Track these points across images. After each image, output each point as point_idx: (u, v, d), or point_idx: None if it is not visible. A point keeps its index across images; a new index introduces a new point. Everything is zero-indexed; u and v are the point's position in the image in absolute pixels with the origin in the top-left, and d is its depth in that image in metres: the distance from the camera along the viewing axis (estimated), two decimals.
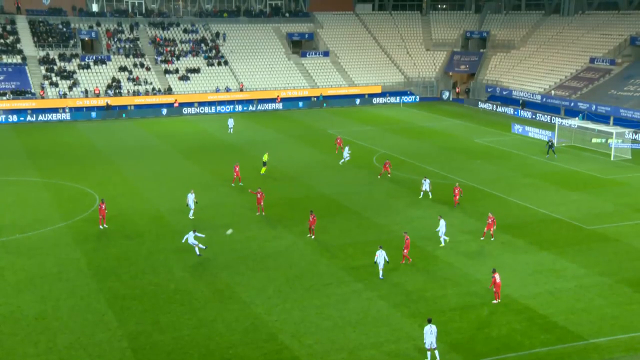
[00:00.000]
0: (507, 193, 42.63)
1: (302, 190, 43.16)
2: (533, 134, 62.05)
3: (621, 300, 27.06)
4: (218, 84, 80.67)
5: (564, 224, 36.69)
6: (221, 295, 27.79)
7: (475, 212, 38.82)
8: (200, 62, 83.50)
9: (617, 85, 71.53)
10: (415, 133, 64.03)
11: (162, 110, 74.83)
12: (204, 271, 30.14)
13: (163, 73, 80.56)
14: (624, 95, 68.76)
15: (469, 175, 46.99)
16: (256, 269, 30.47)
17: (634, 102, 66.65)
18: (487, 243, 33.54)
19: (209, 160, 52.30)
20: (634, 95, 67.98)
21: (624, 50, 78.10)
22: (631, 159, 52.54)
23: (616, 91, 70.29)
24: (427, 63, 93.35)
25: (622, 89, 70.04)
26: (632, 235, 34.69)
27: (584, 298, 27.33)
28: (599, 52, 79.26)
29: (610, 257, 31.79)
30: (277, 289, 28.28)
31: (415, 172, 48.07)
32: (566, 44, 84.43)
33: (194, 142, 59.55)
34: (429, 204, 40.01)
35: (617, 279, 29.00)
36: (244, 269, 30.39)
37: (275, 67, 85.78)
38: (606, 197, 41.98)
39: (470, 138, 61.14)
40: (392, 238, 33.38)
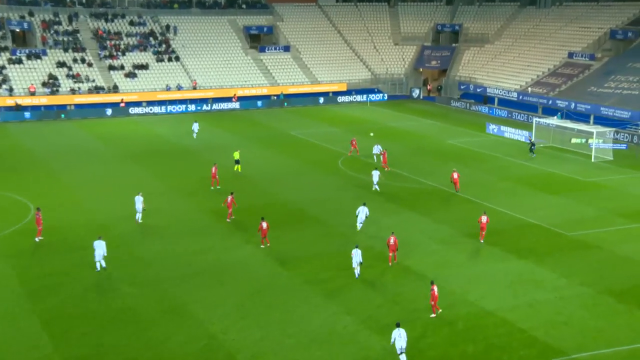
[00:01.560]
0: (482, 198, 43.17)
1: (263, 198, 43.01)
2: (509, 134, 63.07)
3: (604, 312, 27.58)
4: (169, 81, 79.87)
5: (543, 231, 37.30)
6: (173, 313, 27.38)
7: (447, 218, 39.17)
8: (149, 58, 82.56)
9: (597, 81, 73.27)
10: (383, 134, 64.39)
11: (106, 111, 73.69)
12: (154, 287, 29.67)
13: (107, 69, 79.35)
14: (605, 92, 70.48)
15: (441, 179, 47.45)
16: (212, 283, 30.18)
17: (615, 100, 68.34)
18: (461, 252, 33.86)
19: (160, 165, 51.75)
20: (614, 93, 69.74)
21: (604, 44, 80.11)
22: (613, 160, 53.81)
23: (596, 88, 71.98)
24: (395, 58, 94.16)
25: (603, 86, 71.77)
26: (614, 241, 35.46)
27: (565, 310, 27.76)
28: (577, 47, 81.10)
29: (592, 265, 32.42)
30: (236, 305, 28.02)
31: (386, 176, 48.33)
32: (543, 37, 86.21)
33: (142, 145, 58.82)
34: (398, 211, 40.22)
35: (599, 289, 29.56)
36: (199, 284, 30.06)
37: (232, 63, 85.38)
38: (587, 201, 42.86)
39: (442, 139, 61.80)
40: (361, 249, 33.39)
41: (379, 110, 79.81)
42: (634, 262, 32.69)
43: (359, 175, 48.11)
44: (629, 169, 51.33)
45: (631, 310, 27.63)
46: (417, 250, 34.21)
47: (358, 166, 49.74)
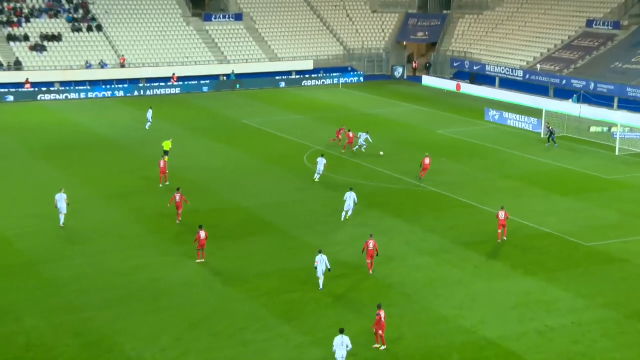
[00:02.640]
0: (481, 200, 43.53)
1: (210, 203, 42.83)
2: (513, 122, 63.80)
3: (632, 342, 27.89)
4: (89, 57, 79.08)
5: (555, 240, 37.73)
6: (96, 348, 27.06)
7: (438, 226, 39.43)
8: (62, 27, 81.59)
9: (623, 56, 74.43)
10: (359, 123, 64.52)
11: (6, 96, 72.60)
12: (70, 316, 29.31)
13: (5, 40, 78.09)
14: (632, 69, 71.64)
15: (431, 178, 47.74)
16: (146, 310, 29.93)
17: None
18: (455, 267, 34.09)
19: (80, 163, 51.32)
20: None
21: (632, 9, 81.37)
22: None
23: (622, 64, 73.15)
24: (373, 30, 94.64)
25: (630, 61, 72.89)
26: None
27: (584, 339, 28.08)
28: (598, 12, 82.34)
29: (616, 283, 32.86)
30: (175, 337, 27.82)
31: (360, 174, 48.46)
32: (556, 1, 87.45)
33: (56, 138, 58.18)
34: (379, 216, 40.38)
35: (626, 313, 29.96)
36: (129, 311, 29.79)
37: (169, 34, 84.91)
38: (610, 204, 43.47)
39: (431, 129, 62.24)
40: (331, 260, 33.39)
41: (354, 93, 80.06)
42: None
43: (329, 173, 48.16)
44: None
45: None
46: (403, 264, 34.35)
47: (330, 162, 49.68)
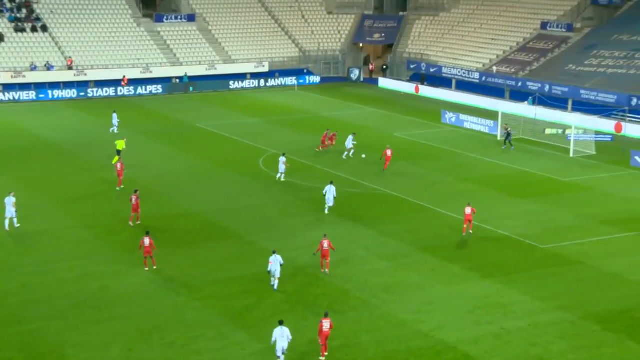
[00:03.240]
0: (438, 204, 43.92)
1: (163, 209, 42.55)
2: (470, 125, 64.48)
3: (588, 343, 28.35)
4: (34, 58, 77.94)
5: (512, 243, 38.22)
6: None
7: (396, 230, 39.66)
8: (4, 27, 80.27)
9: (577, 58, 75.79)
10: (315, 126, 64.61)
11: None
12: (15, 328, 28.86)
13: None
14: (585, 71, 72.98)
15: (388, 182, 47.99)
16: (97, 320, 29.61)
17: (597, 81, 70.82)
18: (413, 271, 34.31)
19: (26, 168, 50.69)
20: (597, 72, 72.31)
21: (584, 11, 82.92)
22: (595, 154, 55.71)
23: (575, 66, 74.46)
24: (329, 31, 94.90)
25: (583, 64, 74.28)
26: (598, 255, 36.67)
27: (540, 341, 28.45)
28: (552, 15, 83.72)
29: (572, 285, 33.39)
30: (127, 347, 27.56)
31: (318, 178, 48.54)
32: (511, 3, 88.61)
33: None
34: (336, 221, 40.47)
35: (581, 315, 30.42)
36: (79, 321, 29.44)
37: (119, 35, 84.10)
38: (565, 206, 44.20)
39: (388, 131, 62.60)
40: (286, 269, 33.38)
41: (310, 96, 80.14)
42: (623, 280, 33.87)
43: (287, 177, 48.11)
44: (614, 165, 53.26)
45: (621, 340, 28.54)
46: (361, 269, 34.47)
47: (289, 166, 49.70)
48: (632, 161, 52.83)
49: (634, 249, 37.43)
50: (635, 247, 37.67)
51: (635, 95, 65.23)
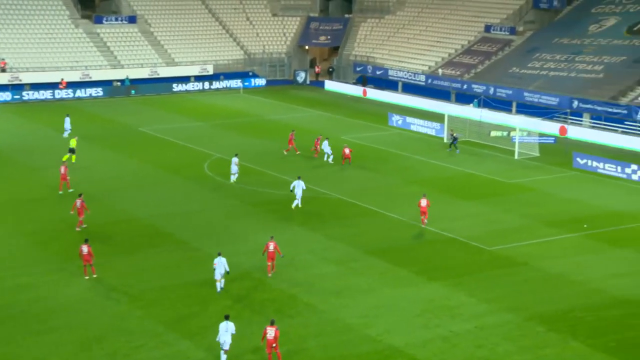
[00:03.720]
0: (385, 207, 44.16)
1: (105, 215, 41.96)
2: (416, 127, 65.00)
3: (532, 344, 28.75)
4: None
5: (459, 245, 38.61)
6: None
7: (343, 233, 39.74)
8: None
9: (520, 60, 77.00)
10: (261, 129, 64.53)
11: None
12: None
13: None
14: (528, 74, 74.17)
15: (335, 185, 48.11)
16: (33, 331, 29.03)
17: (540, 83, 72.07)
18: (360, 275, 34.40)
19: None
20: (539, 74, 73.56)
21: (526, 15, 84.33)
22: (539, 156, 56.65)
23: (519, 69, 75.63)
24: (274, 34, 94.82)
25: (526, 66, 75.51)
26: (543, 256, 37.25)
27: (486, 343, 28.76)
28: (495, 18, 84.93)
29: (518, 286, 33.86)
30: (66, 359, 27.07)
31: (265, 182, 48.43)
32: (455, 6, 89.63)
33: None
34: (281, 225, 40.41)
35: (527, 316, 30.86)
36: (14, 334, 28.81)
37: (57, 37, 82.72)
38: (510, 207, 44.82)
39: (335, 134, 62.68)
40: (232, 273, 33.23)
41: (256, 99, 79.94)
42: (567, 280, 34.45)
43: (228, 181, 47.93)
44: (557, 167, 54.20)
45: (564, 340, 29.02)
46: (308, 273, 34.45)
47: (229, 171, 49.45)
48: (574, 163, 53.79)
49: (577, 250, 38.11)
50: (578, 248, 38.37)
51: (576, 98, 66.50)
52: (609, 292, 33.02)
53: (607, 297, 32.57)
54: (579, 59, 72.69)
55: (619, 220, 42.54)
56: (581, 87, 68.66)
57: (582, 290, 33.20)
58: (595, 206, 45.13)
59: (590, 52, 73.12)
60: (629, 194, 47.94)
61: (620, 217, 43.14)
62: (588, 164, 52.99)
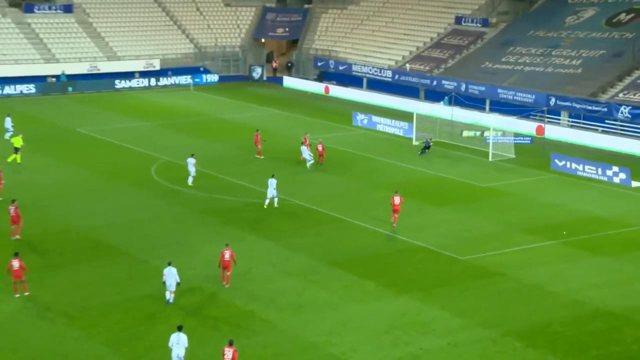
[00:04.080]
0: (350, 214, 44.24)
1: (40, 225, 41.50)
2: (383, 127, 65.29)
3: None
4: None
5: (429, 255, 38.79)
6: None
7: (304, 243, 39.71)
8: None
9: (493, 55, 77.78)
10: (214, 130, 64.30)
11: None
12: None
13: None
14: (502, 69, 74.96)
15: (295, 190, 48.07)
16: None
17: (515, 79, 72.84)
18: (323, 289, 34.40)
19: None
20: (514, 69, 74.37)
21: (499, 5, 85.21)
22: (515, 158, 57.23)
23: (492, 64, 76.38)
24: (227, 25, 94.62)
25: (500, 61, 76.28)
26: (520, 265, 37.57)
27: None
28: (466, 9, 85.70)
29: (493, 299, 34.09)
30: None
31: (219, 188, 48.28)
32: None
33: None
34: (237, 235, 40.24)
35: (503, 331, 31.06)
36: None
37: None
38: (484, 213, 45.20)
39: (294, 135, 62.70)
40: (183, 288, 33.02)
41: (208, 97, 79.68)
42: (545, 292, 34.75)
43: (183, 188, 47.67)
44: (533, 169, 54.80)
45: (544, 357, 29.23)
46: (266, 288, 34.34)
47: (178, 176, 49.24)
48: (551, 164, 54.44)
49: (555, 258, 38.50)
50: (556, 256, 38.78)
51: (553, 95, 67.36)
52: (590, 303, 33.41)
53: (588, 309, 32.96)
54: (556, 53, 73.65)
55: (600, 227, 43.16)
56: (559, 83, 69.57)
57: (562, 302, 33.54)
58: (575, 211, 45.74)
59: (567, 46, 74.17)
60: (610, 197, 48.70)
61: (602, 223, 43.77)
62: (567, 165, 53.67)
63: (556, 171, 53.91)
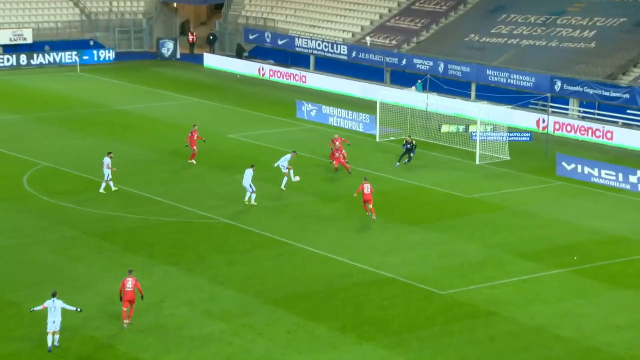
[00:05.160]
0: (293, 235, 44.27)
1: None
2: (337, 121, 65.42)
3: None
4: None
5: (400, 289, 38.78)
6: None
7: (234, 276, 39.63)
8: None
9: (480, 25, 78.23)
10: (109, 126, 63.96)
11: None
12: None
13: None
14: (493, 43, 75.41)
15: (221, 205, 48.08)
16: None
17: (509, 57, 73.29)
18: (260, 336, 34.43)
19: None
20: (508, 44, 74.91)
21: None
22: (510, 160, 57.65)
23: (479, 36, 76.85)
24: None
25: (489, 33, 76.68)
26: (516, 302, 37.68)
27: None
28: None
29: (483, 346, 34.16)
30: None
31: (122, 203, 48.14)
32: None
33: None
34: (140, 263, 39.95)
35: None
36: None
37: None
38: (471, 233, 45.43)
39: (219, 131, 62.65)
40: (69, 335, 32.84)
41: (100, 80, 79.26)
42: (550, 336, 34.82)
43: (75, 205, 47.38)
44: (534, 175, 55.33)
45: None
46: (184, 336, 34.12)
47: (62, 188, 48.90)
48: (558, 169, 54.79)
49: (563, 292, 38.64)
50: (564, 290, 38.92)
51: (559, 77, 67.86)
52: (609, 351, 33.61)
53: (607, 359, 33.37)
54: (562, 22, 74.28)
55: (622, 250, 43.59)
56: (566, 62, 70.11)
57: (573, 350, 33.72)
58: (589, 230, 46.21)
59: (577, 12, 74.75)
60: (634, 212, 49.30)
61: (623, 246, 44.21)
62: (577, 170, 54.04)
63: (564, 177, 54.35)
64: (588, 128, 64.13)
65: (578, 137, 63.53)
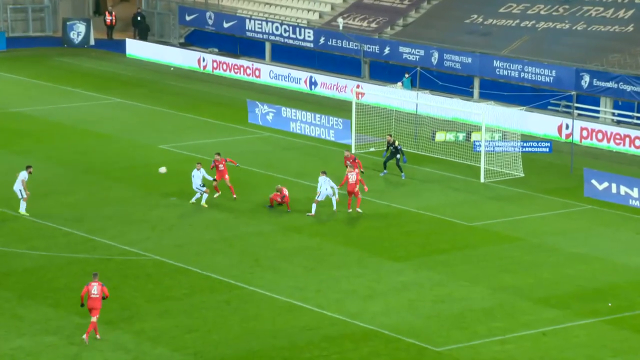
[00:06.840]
0: (246, 276, 44.39)
1: None
2: (301, 127, 65.57)
3: None
4: None
5: (384, 345, 38.75)
6: None
7: (164, 332, 39.60)
8: None
9: (484, 2, 78.72)
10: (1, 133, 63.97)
11: None
12: None
13: None
14: (501, 26, 75.95)
15: (164, 236, 48.17)
16: None
17: (522, 44, 73.74)
18: None
19: None
20: (521, 28, 75.37)
21: None
22: (524, 177, 58.00)
23: (482, 18, 77.34)
24: None
25: (496, 13, 77.07)
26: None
27: None
28: None
29: None
30: None
31: (15, 235, 48.14)
32: None
33: None
34: (47, 318, 39.95)
35: None
36: None
37: None
38: (474, 272, 45.58)
39: (147, 141, 62.73)
40: None
41: None
42: None
43: None
44: (555, 196, 55.78)
45: None
46: None
47: None
48: (585, 189, 55.16)
49: (595, 349, 38.65)
50: (597, 345, 38.90)
51: (586, 70, 68.29)
52: None
53: None
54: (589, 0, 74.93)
55: None
56: (595, 50, 70.73)
57: None
58: (626, 268, 46.53)
59: None
60: None
61: None
62: (611, 190, 54.34)
63: (593, 200, 54.73)
64: (625, 135, 64.48)
65: (612, 148, 63.95)
